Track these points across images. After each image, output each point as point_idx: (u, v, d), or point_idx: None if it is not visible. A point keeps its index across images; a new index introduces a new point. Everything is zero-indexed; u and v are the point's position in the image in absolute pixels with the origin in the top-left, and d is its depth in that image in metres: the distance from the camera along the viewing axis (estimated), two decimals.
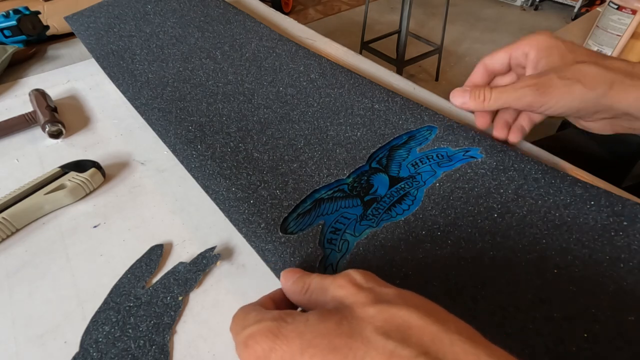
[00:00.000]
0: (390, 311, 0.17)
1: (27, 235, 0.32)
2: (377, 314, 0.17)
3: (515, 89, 0.29)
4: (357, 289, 0.19)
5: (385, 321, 0.16)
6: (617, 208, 0.26)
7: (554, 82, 0.28)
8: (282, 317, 0.18)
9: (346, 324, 0.17)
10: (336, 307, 0.18)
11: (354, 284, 0.19)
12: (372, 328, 0.16)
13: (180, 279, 0.28)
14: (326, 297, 0.19)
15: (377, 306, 0.17)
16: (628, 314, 0.22)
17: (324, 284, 0.20)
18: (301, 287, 0.21)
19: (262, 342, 0.17)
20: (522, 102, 0.29)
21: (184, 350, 0.24)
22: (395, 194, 0.30)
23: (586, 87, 0.27)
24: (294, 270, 0.23)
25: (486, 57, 0.33)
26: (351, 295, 0.18)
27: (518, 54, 0.32)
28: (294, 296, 0.22)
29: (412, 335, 0.16)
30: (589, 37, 0.87)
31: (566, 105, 0.28)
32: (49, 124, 0.40)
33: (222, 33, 0.49)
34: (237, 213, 0.29)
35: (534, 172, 0.29)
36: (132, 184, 0.36)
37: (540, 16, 2.71)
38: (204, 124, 0.36)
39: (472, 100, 0.30)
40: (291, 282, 0.22)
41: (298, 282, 0.21)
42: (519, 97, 0.28)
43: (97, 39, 0.49)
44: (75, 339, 0.25)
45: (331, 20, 2.74)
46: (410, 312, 0.17)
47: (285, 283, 0.22)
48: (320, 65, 0.42)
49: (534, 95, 0.28)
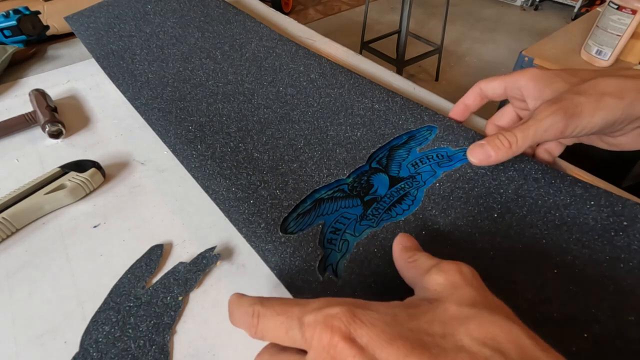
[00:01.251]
0: (491, 318, 0.16)
1: (27, 235, 0.32)
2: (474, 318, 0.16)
3: (539, 120, 0.26)
4: (462, 279, 0.18)
5: (483, 330, 0.16)
6: (617, 208, 0.26)
7: (580, 101, 0.26)
8: (364, 303, 0.18)
9: (438, 324, 0.16)
10: (429, 298, 0.18)
11: (460, 273, 0.19)
12: (466, 332, 0.16)
13: (180, 279, 0.28)
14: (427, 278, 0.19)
15: (476, 310, 0.17)
16: (628, 314, 0.22)
17: (429, 263, 0.20)
18: (409, 256, 0.22)
19: (348, 324, 0.16)
20: (553, 130, 0.26)
21: (184, 350, 0.24)
22: (395, 194, 0.30)
23: (615, 98, 0.25)
24: (408, 237, 0.24)
25: (482, 82, 0.32)
26: (451, 286, 0.18)
27: (513, 86, 0.30)
28: (400, 262, 0.23)
29: (510, 349, 0.15)
30: (589, 37, 0.87)
31: (602, 121, 0.26)
32: (49, 124, 0.40)
33: (222, 33, 0.49)
34: (237, 213, 0.29)
35: (533, 172, 0.29)
36: (132, 184, 0.36)
37: (540, 16, 2.72)
38: (204, 124, 0.36)
39: (496, 151, 0.26)
40: (401, 247, 0.23)
41: (408, 252, 0.23)
42: (548, 127, 0.26)
43: (97, 39, 0.49)
44: (75, 339, 0.25)
45: (331, 20, 2.74)
46: (512, 327, 0.16)
47: (396, 246, 0.24)
48: (320, 65, 0.42)
49: (564, 119, 0.25)
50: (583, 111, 0.25)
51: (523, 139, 0.26)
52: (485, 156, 0.27)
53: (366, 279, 0.25)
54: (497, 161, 0.27)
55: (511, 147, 0.26)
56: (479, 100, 0.33)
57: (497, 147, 0.26)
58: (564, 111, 0.25)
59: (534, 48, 0.92)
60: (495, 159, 0.27)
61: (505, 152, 0.26)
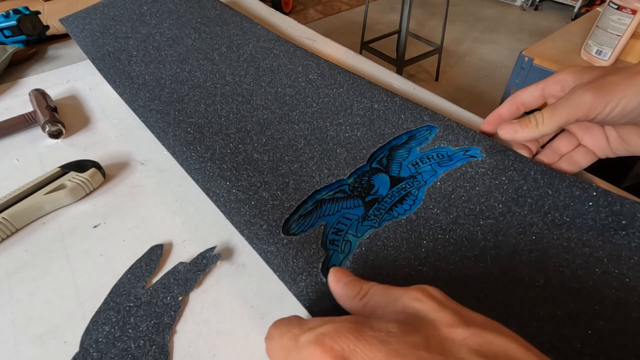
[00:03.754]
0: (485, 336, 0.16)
1: (27, 235, 0.32)
2: (470, 337, 0.16)
3: (566, 98, 0.26)
4: (439, 305, 0.17)
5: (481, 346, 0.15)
6: (616, 207, 0.27)
7: (612, 79, 0.25)
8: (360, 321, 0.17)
9: (434, 342, 0.16)
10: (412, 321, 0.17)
11: (432, 299, 0.18)
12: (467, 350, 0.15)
13: (180, 279, 0.28)
14: (396, 307, 0.18)
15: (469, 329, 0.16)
16: (631, 310, 0.23)
17: (392, 293, 0.19)
18: (357, 292, 0.20)
19: (341, 342, 0.16)
20: (582, 108, 0.25)
21: (184, 350, 0.24)
22: (396, 194, 0.30)
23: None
24: (345, 272, 0.21)
25: (517, 92, 0.31)
26: (432, 310, 0.17)
27: (552, 83, 0.30)
28: (346, 300, 0.20)
29: None
30: (589, 37, 0.87)
31: (636, 98, 0.25)
32: (49, 124, 0.40)
33: (219, 34, 0.49)
34: (238, 215, 0.29)
35: (533, 173, 0.29)
36: (132, 184, 0.36)
37: (540, 16, 2.72)
38: (203, 126, 0.36)
39: (524, 128, 0.27)
40: (342, 284, 0.20)
41: (352, 285, 0.20)
42: (576, 105, 0.25)
43: (93, 41, 0.48)
44: (75, 339, 0.25)
45: (331, 20, 2.74)
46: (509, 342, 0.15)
47: (335, 284, 0.21)
48: (318, 66, 0.42)
49: (594, 96, 0.25)
50: (614, 88, 0.25)
51: (550, 117, 0.26)
52: (512, 130, 0.28)
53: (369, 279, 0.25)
54: (523, 139, 0.28)
55: (538, 126, 0.27)
56: (514, 109, 0.32)
57: (525, 124, 0.27)
58: (594, 87, 0.25)
59: (534, 48, 0.92)
60: (522, 136, 0.28)
61: (532, 129, 0.27)
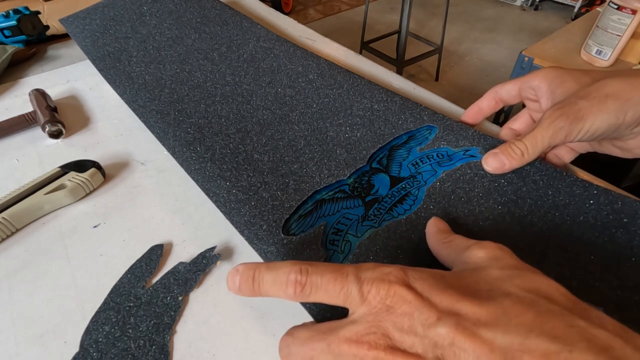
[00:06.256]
0: (533, 276, 0.18)
1: (27, 235, 0.32)
2: (517, 276, 0.18)
3: (545, 128, 0.27)
4: (502, 253, 0.20)
5: (527, 282, 0.18)
6: (617, 206, 0.27)
7: (582, 105, 0.26)
8: (412, 268, 0.19)
9: (484, 283, 0.18)
10: (470, 269, 0.20)
11: (499, 249, 0.21)
12: (511, 284, 0.18)
13: (180, 279, 0.28)
14: (467, 253, 0.21)
15: (518, 270, 0.19)
16: (633, 310, 0.23)
17: (467, 242, 0.22)
18: (444, 237, 0.24)
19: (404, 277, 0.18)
20: (559, 136, 0.27)
21: (184, 350, 0.24)
22: (396, 194, 0.30)
23: (620, 100, 0.25)
24: (444, 222, 0.26)
25: (497, 86, 0.33)
26: (491, 258, 0.20)
27: (526, 87, 0.31)
28: (434, 242, 0.24)
29: (555, 294, 0.17)
30: (589, 37, 0.87)
31: (604, 123, 0.26)
32: (49, 124, 0.40)
33: (219, 34, 0.49)
34: (238, 215, 0.29)
35: (532, 173, 0.29)
36: (132, 184, 0.36)
37: (540, 16, 2.72)
38: (203, 126, 0.36)
39: (510, 159, 0.28)
40: (436, 230, 0.25)
41: (443, 233, 0.24)
42: (554, 134, 0.27)
43: (93, 41, 0.48)
44: (75, 339, 0.25)
45: (331, 20, 2.74)
46: (553, 282, 0.18)
47: (431, 228, 0.25)
48: (318, 66, 0.42)
49: (568, 124, 0.26)
50: (585, 115, 0.26)
51: (533, 148, 0.27)
52: (499, 164, 0.28)
53: None
54: (511, 169, 0.28)
55: (524, 156, 0.27)
56: (493, 103, 0.33)
57: (511, 156, 0.28)
58: (567, 116, 0.26)
59: (534, 48, 0.92)
60: (510, 167, 0.28)
61: (518, 160, 0.28)
